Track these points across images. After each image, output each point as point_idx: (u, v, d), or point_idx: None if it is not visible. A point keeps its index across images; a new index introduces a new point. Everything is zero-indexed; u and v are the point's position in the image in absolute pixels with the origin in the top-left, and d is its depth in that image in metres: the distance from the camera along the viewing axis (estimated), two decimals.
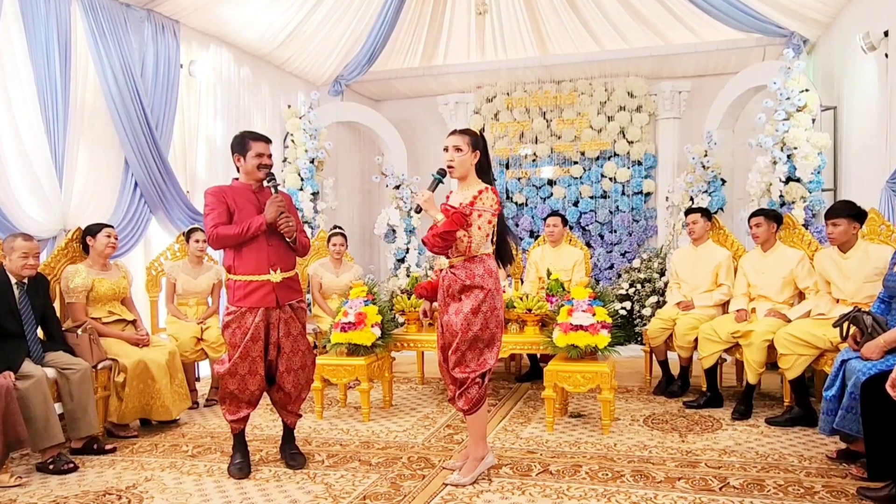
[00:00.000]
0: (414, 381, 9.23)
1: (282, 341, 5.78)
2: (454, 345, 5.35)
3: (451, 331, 5.39)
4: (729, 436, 6.56)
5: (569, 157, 12.84)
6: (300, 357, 5.91)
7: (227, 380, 5.76)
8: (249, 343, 5.66)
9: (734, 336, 7.32)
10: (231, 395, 5.80)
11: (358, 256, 12.20)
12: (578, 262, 9.14)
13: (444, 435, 6.81)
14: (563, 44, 12.31)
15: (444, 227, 5.26)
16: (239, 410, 5.85)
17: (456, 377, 5.42)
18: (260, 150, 5.81)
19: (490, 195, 5.34)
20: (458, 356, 5.38)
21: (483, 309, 5.34)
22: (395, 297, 8.22)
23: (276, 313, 5.73)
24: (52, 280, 6.96)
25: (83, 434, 6.32)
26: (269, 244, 5.73)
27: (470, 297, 5.34)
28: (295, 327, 5.84)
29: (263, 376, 5.79)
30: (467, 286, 5.34)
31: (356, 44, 11.95)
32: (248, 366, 5.70)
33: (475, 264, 5.38)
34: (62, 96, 7.57)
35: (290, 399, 5.97)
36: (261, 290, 5.68)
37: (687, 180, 10.78)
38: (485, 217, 5.30)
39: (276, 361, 5.82)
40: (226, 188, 5.84)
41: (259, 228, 5.63)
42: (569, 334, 6.66)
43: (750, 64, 11.20)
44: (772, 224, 7.65)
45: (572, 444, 6.41)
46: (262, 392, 5.87)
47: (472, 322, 5.32)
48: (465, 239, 5.32)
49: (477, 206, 5.31)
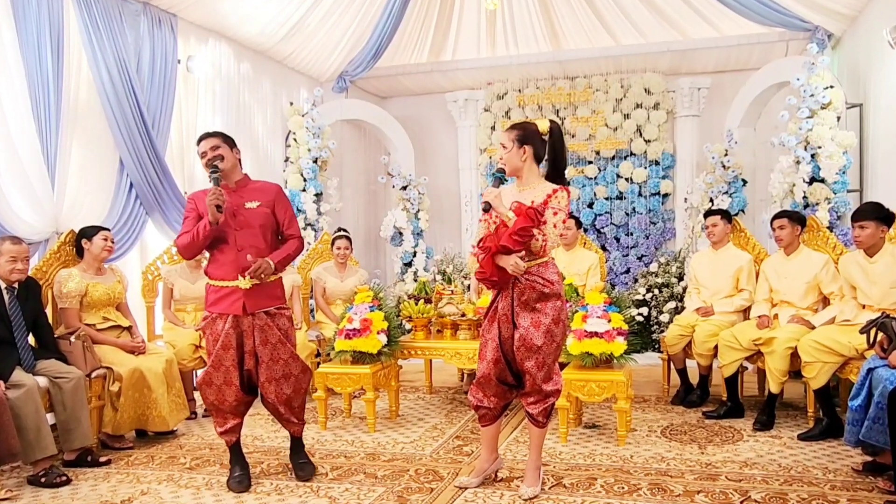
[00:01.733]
0: (422, 391, 9.20)
1: (259, 350, 5.74)
2: (539, 359, 5.33)
3: (528, 345, 5.32)
4: (750, 447, 6.55)
5: (583, 156, 12.79)
6: (282, 366, 5.84)
7: (205, 390, 5.78)
8: (221, 351, 5.66)
9: (756, 343, 7.31)
10: (213, 406, 5.83)
11: (363, 260, 12.17)
12: (593, 267, 9.09)
13: (452, 447, 6.80)
14: (577, 38, 12.29)
15: (519, 223, 5.17)
16: (225, 422, 5.86)
17: (546, 391, 5.41)
18: (202, 150, 5.75)
19: (564, 195, 5.30)
20: (546, 371, 5.37)
21: (563, 318, 5.37)
22: (402, 303, 8.23)
23: (247, 321, 5.70)
24: (44, 285, 6.97)
25: (76, 445, 6.32)
26: (238, 248, 5.67)
27: (548, 307, 5.32)
28: (272, 335, 5.77)
29: (239, 386, 5.76)
30: (545, 294, 5.31)
31: (361, 38, 11.93)
32: (222, 376, 5.70)
33: (548, 269, 5.37)
34: (54, 93, 7.55)
35: (279, 409, 5.93)
36: (230, 297, 5.66)
37: (706, 181, 10.76)
38: (560, 216, 5.26)
39: (255, 371, 5.80)
40: (200, 193, 5.81)
41: (204, 230, 5.56)
42: (583, 341, 6.66)
43: (772, 59, 11.16)
44: (795, 226, 7.63)
45: (587, 455, 6.40)
46: (241, 402, 5.85)
47: (555, 334, 5.33)
48: (539, 238, 5.26)
49: (552, 203, 5.27)
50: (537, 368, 5.34)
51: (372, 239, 13.84)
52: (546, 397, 5.43)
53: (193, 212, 5.71)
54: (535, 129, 5.45)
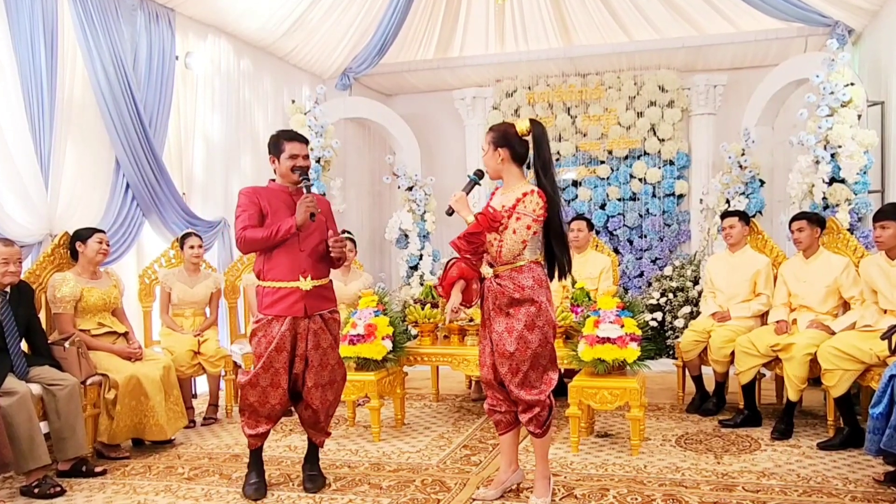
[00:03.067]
0: (428, 398, 9.22)
1: (310, 353, 5.77)
2: (513, 366, 5.32)
3: (501, 351, 5.34)
4: (768, 457, 6.54)
5: (595, 156, 12.79)
6: (329, 371, 5.90)
7: (248, 391, 5.78)
8: (273, 353, 5.67)
9: (774, 349, 7.29)
10: (250, 408, 5.83)
11: (367, 263, 12.18)
12: (605, 270, 9.08)
13: (460, 456, 6.80)
14: (589, 34, 12.28)
15: (470, 228, 5.27)
16: (258, 425, 5.86)
17: (526, 400, 5.37)
18: (294, 151, 5.83)
19: (535, 199, 5.27)
20: (521, 378, 5.34)
21: (539, 323, 5.31)
22: (408, 308, 8.23)
23: (304, 323, 5.73)
24: (38, 289, 6.97)
25: (71, 455, 6.31)
26: (300, 249, 5.75)
27: (521, 313, 5.30)
28: (325, 339, 5.84)
29: (286, 390, 5.79)
30: (517, 300, 5.30)
31: (366, 34, 11.95)
32: (270, 377, 5.70)
33: (523, 274, 5.33)
34: (48, 91, 7.57)
35: (319, 417, 5.96)
36: (289, 298, 5.70)
37: (723, 181, 10.74)
38: (524, 221, 5.24)
39: (302, 375, 5.81)
40: (260, 189, 5.89)
41: (288, 231, 5.63)
42: (595, 347, 6.65)
43: (791, 56, 11.18)
44: (814, 228, 7.62)
45: (599, 465, 6.39)
46: (283, 407, 5.88)
47: (529, 340, 5.28)
48: (494, 243, 5.29)
49: (518, 208, 5.26)
50: (511, 374, 5.35)
51: (376, 241, 13.84)
52: (529, 407, 5.40)
53: (253, 206, 5.74)
54: (511, 131, 5.46)
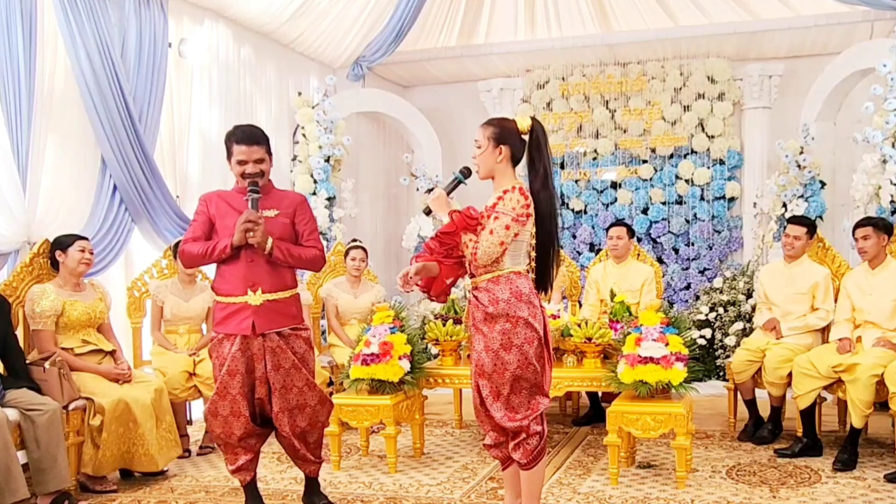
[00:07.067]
0: (450, 425, 9.20)
1: (270, 376, 5.73)
2: (493, 388, 5.22)
3: (479, 369, 5.27)
4: (829, 490, 6.51)
5: (636, 154, 12.79)
6: (296, 394, 5.85)
7: (211, 421, 5.81)
8: (226, 377, 5.66)
9: (836, 370, 7.23)
10: (220, 441, 5.84)
11: (382, 274, 12.15)
12: (648, 282, 9.08)
13: (485, 490, 6.79)
14: (630, 19, 12.30)
15: (443, 227, 5.19)
16: (236, 458, 5.86)
17: (506, 427, 5.28)
18: (241, 157, 5.71)
19: (516, 195, 5.14)
20: (502, 401, 5.24)
21: (516, 342, 5.16)
22: (428, 324, 8.20)
23: (257, 342, 5.69)
24: (14, 303, 6.98)
25: (52, 488, 6.30)
26: (248, 260, 5.67)
27: (495, 330, 5.17)
28: (285, 359, 5.77)
29: (249, 417, 5.76)
30: (490, 315, 5.17)
31: (380, 18, 11.96)
32: (229, 405, 5.70)
33: (499, 286, 5.18)
34: (26, 82, 7.55)
35: (295, 445, 5.93)
36: (238, 315, 5.66)
37: (779, 182, 10.72)
38: (502, 221, 5.10)
39: (266, 400, 5.79)
40: (220, 193, 5.85)
41: (223, 252, 5.59)
42: (636, 368, 6.63)
43: (854, 43, 11.12)
44: (881, 236, 7.57)
45: (641, 500, 6.39)
46: (250, 435, 5.85)
47: (505, 360, 5.15)
48: (469, 244, 5.17)
49: (498, 207, 5.15)
50: (493, 398, 5.24)
51: (392, 250, 13.82)
52: (514, 434, 5.29)
53: (204, 215, 5.74)
54: (514, 128, 5.34)
